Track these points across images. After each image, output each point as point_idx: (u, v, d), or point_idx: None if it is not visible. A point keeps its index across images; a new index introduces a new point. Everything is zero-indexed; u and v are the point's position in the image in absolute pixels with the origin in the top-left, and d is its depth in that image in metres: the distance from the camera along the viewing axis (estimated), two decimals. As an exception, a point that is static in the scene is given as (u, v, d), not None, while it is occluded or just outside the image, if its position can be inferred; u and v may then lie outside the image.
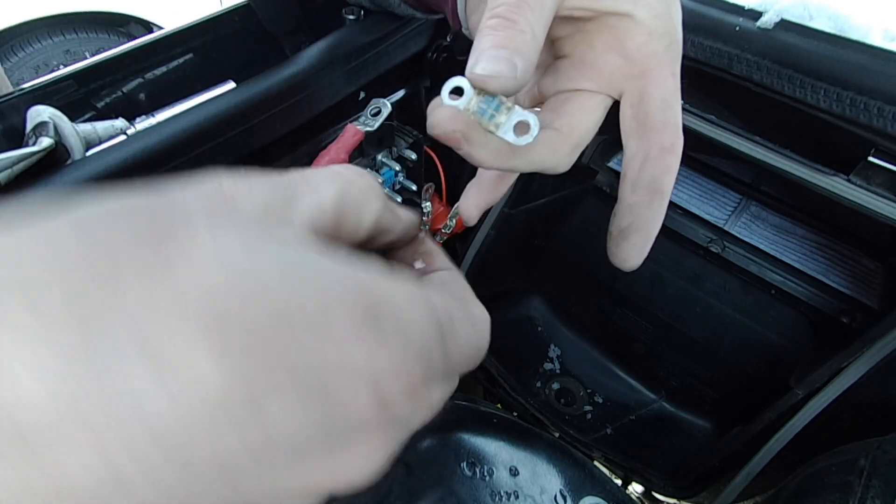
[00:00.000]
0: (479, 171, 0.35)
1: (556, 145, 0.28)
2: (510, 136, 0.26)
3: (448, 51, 0.86)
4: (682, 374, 1.18)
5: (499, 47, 0.24)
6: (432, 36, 0.83)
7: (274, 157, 0.76)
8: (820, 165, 0.65)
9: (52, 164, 0.55)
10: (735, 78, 0.70)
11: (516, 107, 0.26)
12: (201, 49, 0.74)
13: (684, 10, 0.29)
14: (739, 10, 0.69)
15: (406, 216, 0.25)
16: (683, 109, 0.72)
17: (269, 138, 0.69)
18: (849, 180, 0.64)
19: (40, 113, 0.56)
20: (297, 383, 0.14)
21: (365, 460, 0.17)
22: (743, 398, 1.06)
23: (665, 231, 1.05)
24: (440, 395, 0.20)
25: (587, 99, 0.30)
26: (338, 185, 0.20)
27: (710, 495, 1.02)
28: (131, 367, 0.13)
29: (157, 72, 0.71)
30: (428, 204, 0.89)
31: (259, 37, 0.77)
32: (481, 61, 0.24)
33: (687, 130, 0.74)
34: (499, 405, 1.22)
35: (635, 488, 1.12)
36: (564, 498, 0.59)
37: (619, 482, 1.04)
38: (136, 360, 0.13)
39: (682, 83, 0.31)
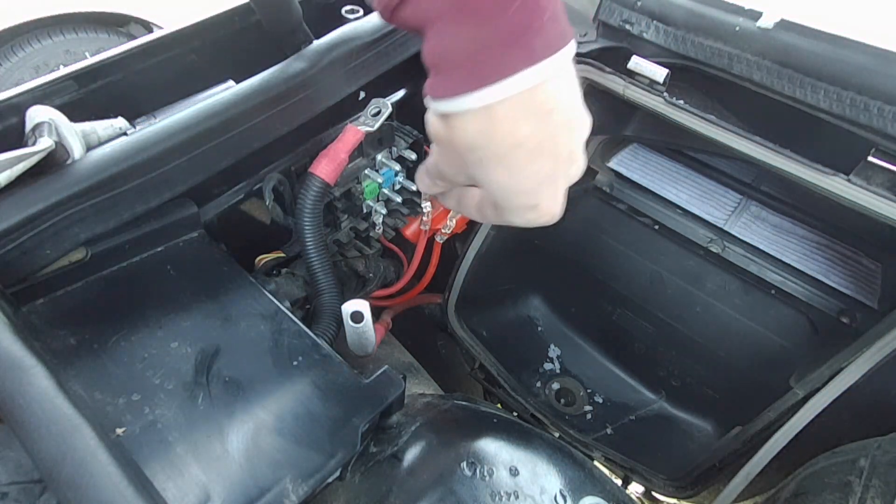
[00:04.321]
0: None
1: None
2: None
3: (448, 51, 0.86)
4: (682, 374, 1.18)
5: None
6: (432, 36, 0.83)
7: (274, 157, 0.76)
8: (820, 165, 0.65)
9: (52, 164, 0.55)
10: (735, 78, 0.70)
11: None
12: (201, 49, 0.74)
13: (685, 10, 0.30)
14: (739, 10, 0.69)
15: None
16: (684, 109, 0.72)
17: (269, 138, 0.69)
18: (849, 180, 0.64)
19: (40, 113, 0.56)
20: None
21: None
22: (743, 398, 1.06)
23: (665, 231, 1.05)
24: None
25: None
26: None
27: (710, 495, 1.02)
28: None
29: (157, 72, 0.71)
30: (428, 204, 0.89)
31: (259, 37, 0.77)
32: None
33: (687, 130, 0.74)
34: (499, 405, 1.22)
35: (635, 488, 1.12)
36: (564, 498, 0.59)
37: (619, 482, 1.04)
38: None
39: (682, 83, 0.32)
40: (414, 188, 0.86)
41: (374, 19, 0.77)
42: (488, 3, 0.31)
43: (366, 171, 0.81)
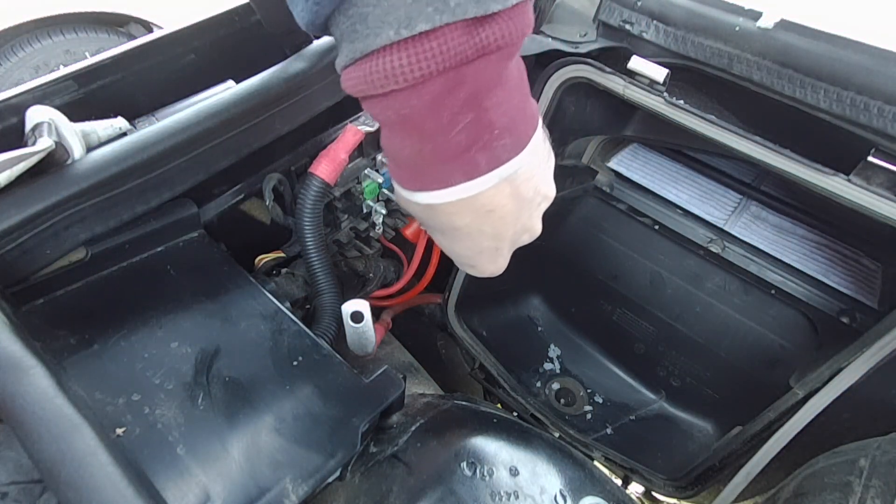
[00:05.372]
0: None
1: None
2: None
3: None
4: (682, 374, 1.18)
5: None
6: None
7: (274, 156, 0.76)
8: (820, 165, 0.65)
9: (52, 164, 0.55)
10: (735, 78, 0.70)
11: None
12: (201, 49, 0.74)
13: (684, 10, 0.30)
14: (739, 10, 0.69)
15: None
16: (684, 109, 0.72)
17: (269, 138, 0.69)
18: (849, 180, 0.64)
19: (40, 113, 0.56)
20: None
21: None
22: (743, 398, 1.06)
23: (665, 231, 1.05)
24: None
25: None
26: None
27: (710, 495, 1.02)
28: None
29: (157, 72, 0.71)
30: (428, 204, 0.89)
31: (259, 37, 0.77)
32: None
33: (687, 130, 0.74)
34: (499, 405, 1.22)
35: (635, 488, 1.12)
36: (564, 498, 0.59)
37: (619, 482, 1.03)
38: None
39: (682, 83, 0.32)
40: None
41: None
42: (431, 124, 0.32)
43: (366, 171, 0.81)
